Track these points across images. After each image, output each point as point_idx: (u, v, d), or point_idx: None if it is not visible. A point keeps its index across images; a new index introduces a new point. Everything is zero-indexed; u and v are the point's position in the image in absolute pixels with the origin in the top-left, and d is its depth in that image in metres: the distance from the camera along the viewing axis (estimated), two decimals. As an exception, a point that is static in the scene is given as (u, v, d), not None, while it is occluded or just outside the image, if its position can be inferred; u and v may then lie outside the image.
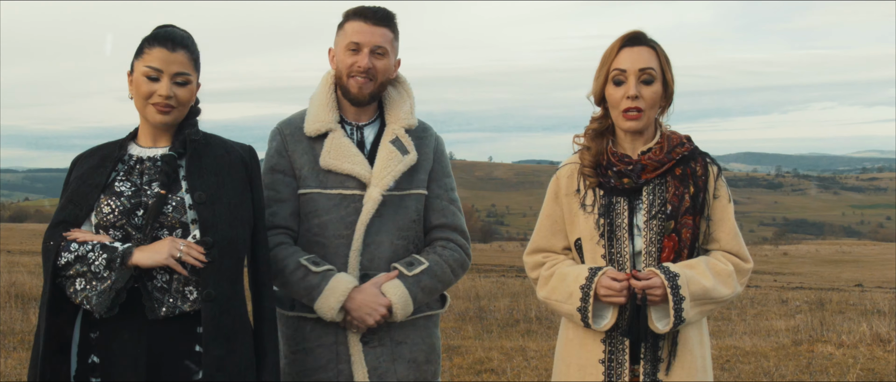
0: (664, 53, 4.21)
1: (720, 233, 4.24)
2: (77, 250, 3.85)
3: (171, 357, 3.99)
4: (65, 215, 3.96)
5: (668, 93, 4.22)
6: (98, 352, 3.98)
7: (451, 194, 4.78)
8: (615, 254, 4.19)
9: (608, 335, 4.21)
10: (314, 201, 4.53)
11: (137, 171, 4.07)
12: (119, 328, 3.94)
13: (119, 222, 3.93)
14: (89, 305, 3.85)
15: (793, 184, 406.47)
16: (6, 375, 10.07)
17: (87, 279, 3.85)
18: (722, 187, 4.24)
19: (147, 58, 3.99)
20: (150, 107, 4.02)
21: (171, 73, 4.00)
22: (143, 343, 3.95)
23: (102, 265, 3.82)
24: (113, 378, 3.95)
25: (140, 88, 4.00)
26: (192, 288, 3.98)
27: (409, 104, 4.73)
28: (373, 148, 4.63)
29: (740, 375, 10.57)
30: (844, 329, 14.05)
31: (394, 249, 4.56)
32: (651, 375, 4.17)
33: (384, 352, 4.54)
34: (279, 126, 4.71)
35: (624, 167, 4.18)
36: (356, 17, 4.52)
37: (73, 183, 4.05)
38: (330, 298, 4.37)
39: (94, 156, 4.14)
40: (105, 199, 3.96)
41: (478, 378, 10.55)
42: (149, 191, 4.00)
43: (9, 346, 11.84)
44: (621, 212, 4.19)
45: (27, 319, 13.99)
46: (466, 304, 18.53)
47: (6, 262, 28.72)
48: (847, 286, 31.47)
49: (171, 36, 4.04)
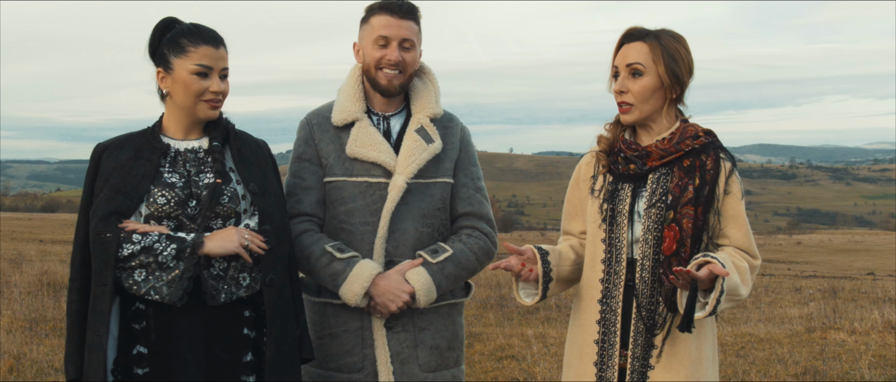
0: (665, 47, 4.15)
1: (731, 229, 4.19)
2: (141, 241, 3.86)
3: (223, 343, 4.08)
4: (115, 206, 3.94)
5: (667, 85, 4.16)
6: (147, 342, 4.00)
7: (478, 183, 4.79)
8: (614, 239, 4.20)
9: (603, 316, 4.23)
10: (340, 188, 4.55)
11: (181, 162, 4.10)
12: (174, 316, 3.98)
13: (174, 212, 3.97)
14: (158, 295, 3.89)
15: (806, 175, 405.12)
16: (39, 361, 10.11)
17: (149, 269, 3.88)
18: (734, 183, 4.18)
19: (194, 56, 4.01)
20: (201, 103, 4.06)
21: (219, 69, 4.06)
22: (199, 330, 4.02)
23: (171, 255, 3.86)
24: (169, 366, 3.99)
25: (191, 87, 4.02)
26: (246, 275, 4.07)
27: (435, 94, 4.74)
28: (399, 137, 4.65)
29: (755, 361, 10.55)
30: (856, 317, 14.01)
31: (419, 236, 4.58)
32: (641, 359, 4.15)
33: (407, 338, 4.56)
34: (308, 116, 4.74)
35: (630, 153, 4.20)
36: (383, 11, 4.52)
37: (115, 174, 4.02)
38: (354, 284, 4.38)
39: (124, 147, 4.12)
40: (158, 190, 3.98)
41: (499, 365, 10.56)
42: (199, 182, 4.04)
43: (41, 333, 11.88)
44: (624, 198, 4.20)
45: (59, 307, 14.03)
46: (488, 292, 18.53)
47: (38, 251, 28.82)
48: (859, 274, 31.37)
49: (213, 35, 4.09)
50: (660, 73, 4.14)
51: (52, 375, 9.55)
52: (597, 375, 4.22)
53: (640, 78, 4.14)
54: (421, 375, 4.58)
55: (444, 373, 4.68)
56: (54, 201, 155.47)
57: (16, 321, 12.48)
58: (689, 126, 4.23)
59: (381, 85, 4.58)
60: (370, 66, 4.57)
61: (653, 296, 4.13)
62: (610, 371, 4.19)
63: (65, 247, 31.57)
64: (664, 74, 4.14)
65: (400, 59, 4.53)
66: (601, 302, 4.24)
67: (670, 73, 4.14)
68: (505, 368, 10.37)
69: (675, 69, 4.15)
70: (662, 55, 4.14)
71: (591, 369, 4.24)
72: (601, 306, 4.23)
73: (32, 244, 35.23)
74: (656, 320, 4.13)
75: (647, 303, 4.13)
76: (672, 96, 4.20)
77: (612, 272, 4.21)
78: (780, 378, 9.70)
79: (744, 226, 4.20)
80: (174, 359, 3.99)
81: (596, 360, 4.23)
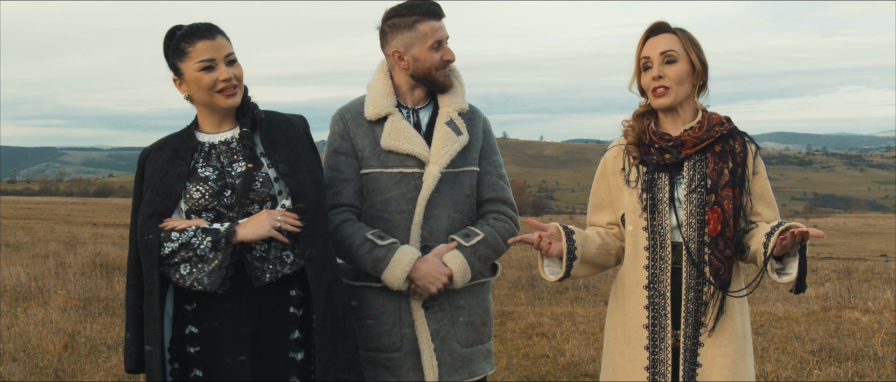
0: (689, 37, 4.24)
1: (761, 207, 4.27)
2: (179, 238, 3.89)
3: (269, 321, 4.10)
4: (155, 208, 3.97)
5: (698, 72, 4.24)
6: (196, 322, 4.04)
7: (500, 170, 4.82)
8: (657, 226, 4.22)
9: (651, 301, 4.25)
10: (377, 179, 4.56)
11: (214, 155, 4.10)
12: (219, 298, 4.01)
13: (210, 204, 3.98)
14: (200, 286, 3.92)
15: (822, 161, 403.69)
16: (92, 338, 10.17)
17: (192, 263, 3.91)
18: (760, 164, 4.28)
19: (194, 54, 3.99)
20: (217, 95, 4.04)
21: (222, 56, 4.02)
22: (244, 310, 4.04)
23: (208, 247, 3.88)
24: (218, 346, 4.04)
25: (201, 83, 4.00)
26: (289, 252, 4.08)
27: (461, 89, 4.75)
28: (428, 129, 4.66)
29: (773, 339, 10.52)
30: (870, 297, 13.95)
31: (451, 221, 4.60)
32: (692, 338, 4.19)
33: (444, 316, 4.60)
34: (340, 112, 4.73)
35: (665, 144, 4.22)
36: (429, 17, 4.52)
37: (154, 177, 4.06)
38: (396, 268, 4.41)
39: (164, 150, 4.15)
40: (192, 186, 3.99)
41: (529, 342, 10.56)
42: (232, 172, 4.04)
43: (94, 312, 11.95)
44: (663, 187, 4.22)
45: (111, 287, 14.12)
46: (519, 273, 18.51)
47: (92, 234, 29.00)
48: (872, 256, 31.16)
49: (206, 27, 4.04)
50: (692, 58, 4.21)
51: (104, 352, 9.61)
52: (650, 358, 4.25)
53: (674, 64, 4.18)
54: (459, 350, 4.64)
55: (480, 348, 4.74)
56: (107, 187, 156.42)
57: (70, 301, 12.56)
58: (712, 114, 4.29)
59: (441, 83, 4.62)
60: (430, 69, 4.57)
61: (699, 276, 4.18)
62: (663, 353, 4.23)
63: (117, 230, 31.75)
64: (696, 60, 4.21)
65: (454, 55, 4.58)
66: (648, 288, 4.27)
67: (700, 59, 4.22)
68: (535, 345, 10.38)
69: (701, 57, 4.23)
70: (691, 43, 4.22)
71: (643, 353, 4.27)
72: (648, 291, 4.27)
73: (86, 227, 35.48)
74: (703, 299, 4.19)
75: (694, 284, 4.19)
76: (699, 84, 4.27)
77: (657, 258, 4.24)
78: (798, 354, 9.67)
79: (772, 203, 4.31)
80: (222, 339, 4.04)
81: (647, 344, 4.26)
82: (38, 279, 14.81)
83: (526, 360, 9.65)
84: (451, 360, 4.61)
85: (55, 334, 10.13)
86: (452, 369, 4.61)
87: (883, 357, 9.41)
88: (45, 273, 15.67)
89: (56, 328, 10.52)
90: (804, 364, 9.21)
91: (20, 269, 15.93)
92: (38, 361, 9.09)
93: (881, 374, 8.67)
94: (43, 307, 12.06)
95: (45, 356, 9.32)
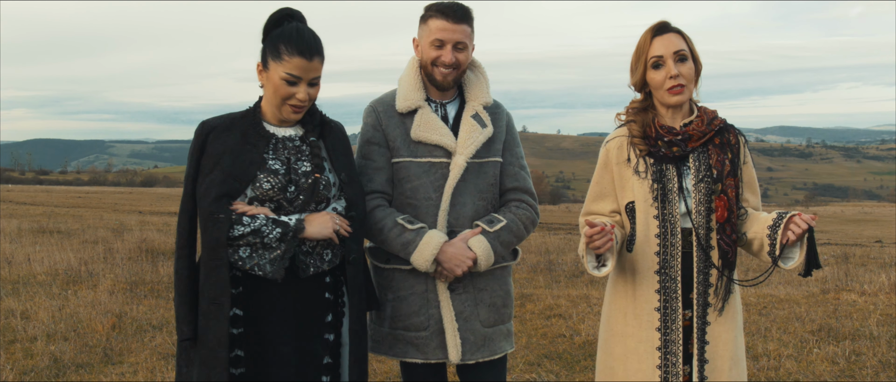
0: (689, 37, 4.26)
1: (748, 194, 4.35)
2: (250, 224, 3.91)
3: (309, 307, 4.16)
4: (227, 189, 3.94)
5: (698, 70, 4.27)
6: (242, 305, 4.03)
7: (522, 161, 4.82)
8: (667, 215, 4.22)
9: (662, 285, 4.26)
10: (407, 168, 4.57)
11: (281, 149, 4.11)
12: (267, 285, 4.05)
13: (276, 196, 4.01)
14: (261, 272, 3.97)
15: (821, 153, 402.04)
16: (138, 319, 10.20)
17: (255, 248, 3.95)
18: (748, 154, 4.36)
19: (287, 65, 3.95)
20: (286, 106, 4.05)
21: (308, 78, 4.00)
22: (290, 296, 4.10)
23: (276, 237, 3.92)
24: (262, 328, 4.06)
25: (278, 90, 4.00)
26: (329, 252, 4.17)
27: (486, 85, 4.77)
28: (455, 122, 4.68)
29: (775, 319, 10.48)
30: (866, 280, 13.89)
31: (475, 209, 4.61)
32: (701, 317, 4.24)
33: (468, 298, 4.61)
34: (373, 104, 4.74)
35: (673, 138, 4.23)
36: (440, 15, 4.52)
37: (225, 157, 4.00)
38: (425, 251, 4.43)
39: (231, 131, 4.09)
40: (264, 176, 4.00)
41: (548, 322, 10.55)
42: (298, 169, 4.08)
43: (140, 294, 11.98)
44: (672, 177, 4.23)
45: (156, 271, 14.15)
46: (538, 257, 18.50)
47: (138, 221, 29.13)
48: (868, 242, 31.08)
49: (309, 46, 3.98)
50: (696, 57, 4.25)
51: (150, 331, 9.63)
52: (661, 338, 4.27)
53: (686, 62, 4.20)
54: (482, 330, 4.65)
55: (501, 328, 4.74)
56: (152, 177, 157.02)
57: (118, 284, 12.59)
58: (705, 109, 4.34)
59: (437, 80, 4.61)
60: (426, 63, 4.59)
61: (708, 260, 4.23)
62: (675, 333, 4.26)
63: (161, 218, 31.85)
64: (699, 60, 4.26)
65: (453, 60, 4.54)
66: (659, 272, 4.27)
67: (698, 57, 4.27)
68: (553, 325, 10.37)
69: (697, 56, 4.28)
70: (691, 43, 4.25)
71: (654, 334, 4.28)
72: (660, 276, 4.27)
73: (133, 215, 35.62)
74: (710, 281, 4.23)
75: (703, 267, 4.23)
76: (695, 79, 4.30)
77: (668, 245, 4.25)
78: (799, 334, 9.63)
79: (757, 190, 4.43)
80: (266, 322, 4.06)
81: (659, 326, 4.27)
82: (88, 263, 14.87)
83: (544, 339, 9.64)
84: (474, 339, 4.62)
85: (104, 315, 10.16)
86: (475, 347, 4.62)
87: (878, 336, 9.38)
88: (94, 258, 15.73)
89: (104, 309, 10.55)
90: (804, 343, 9.18)
91: (71, 254, 15.98)
92: (88, 340, 9.12)
93: (876, 352, 8.64)
94: (92, 289, 12.09)
95: (94, 335, 9.35)
